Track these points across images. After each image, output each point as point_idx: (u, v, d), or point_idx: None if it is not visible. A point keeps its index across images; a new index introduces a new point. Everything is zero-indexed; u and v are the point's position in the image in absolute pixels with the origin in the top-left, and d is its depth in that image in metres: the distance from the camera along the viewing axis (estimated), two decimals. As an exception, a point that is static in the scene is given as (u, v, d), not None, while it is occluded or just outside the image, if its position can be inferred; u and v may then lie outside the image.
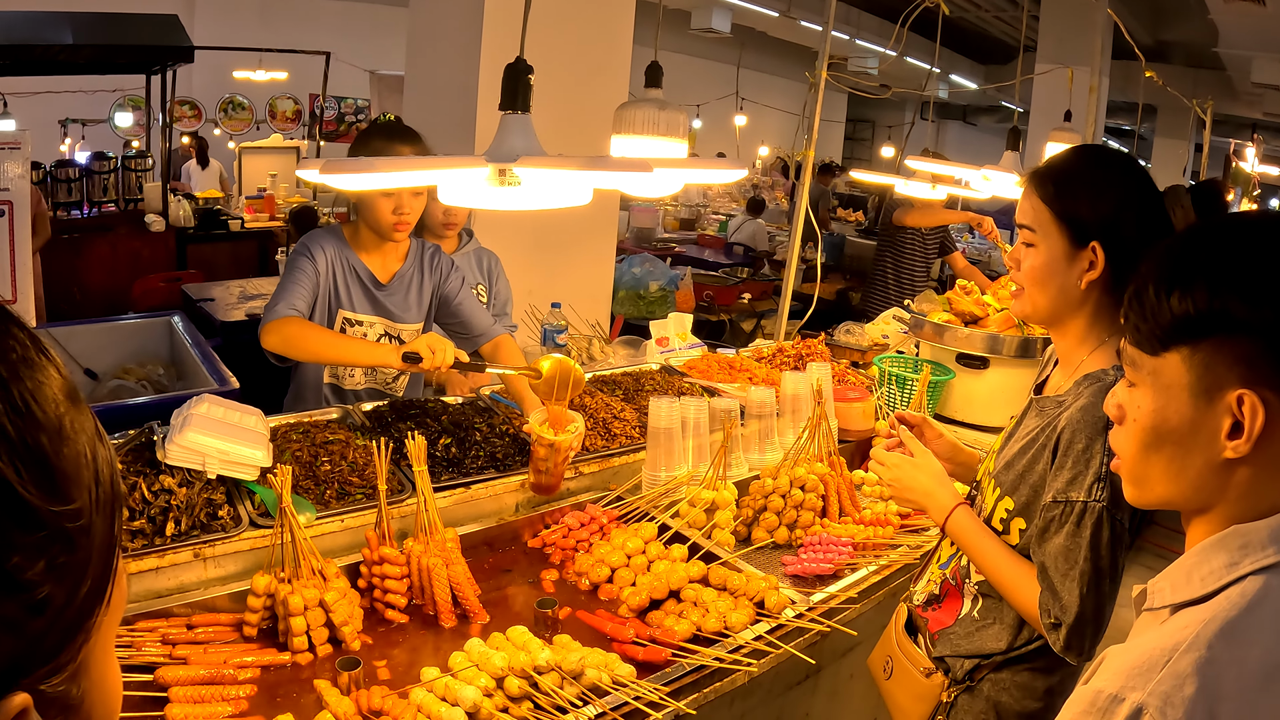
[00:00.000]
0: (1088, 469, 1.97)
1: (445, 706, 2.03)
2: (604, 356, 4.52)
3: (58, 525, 0.55)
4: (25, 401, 0.54)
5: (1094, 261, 2.02)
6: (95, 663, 0.63)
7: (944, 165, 4.82)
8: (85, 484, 0.58)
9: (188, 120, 13.36)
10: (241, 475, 2.60)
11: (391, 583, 2.46)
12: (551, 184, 1.81)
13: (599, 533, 2.87)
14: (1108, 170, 2.05)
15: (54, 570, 0.54)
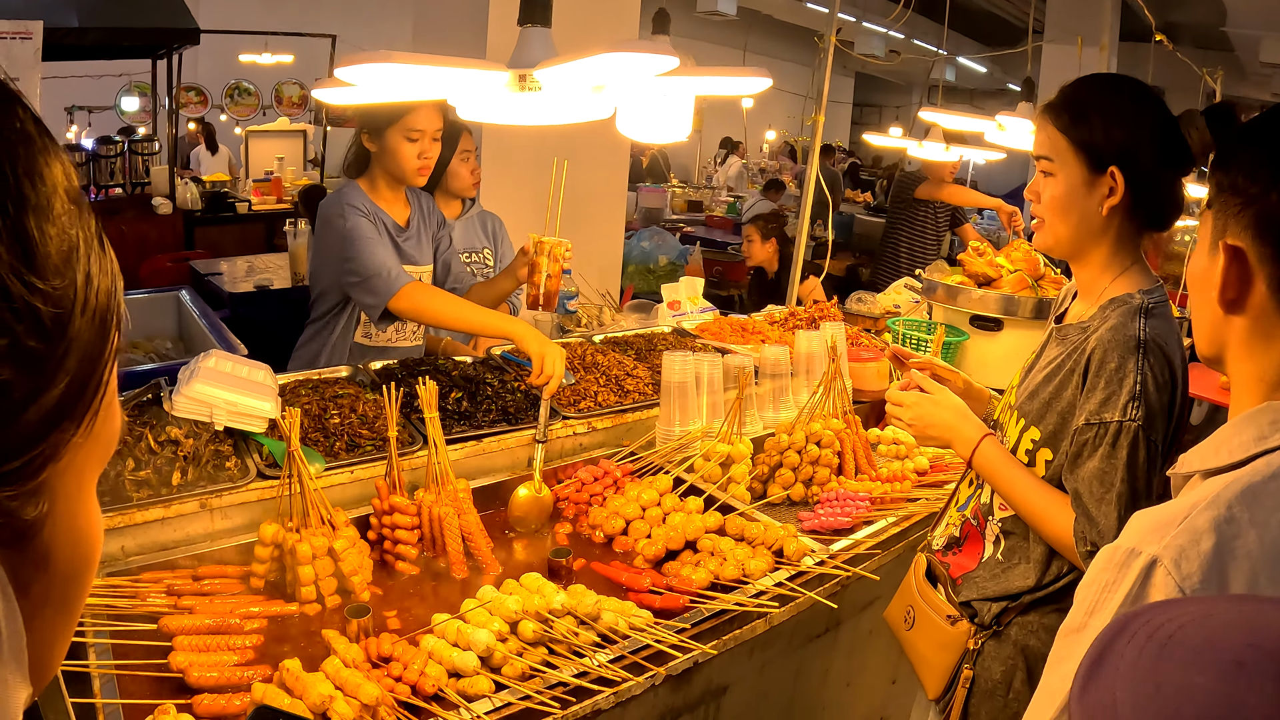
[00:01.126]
0: (1121, 388, 1.93)
1: (457, 651, 1.98)
2: (614, 322, 4.47)
3: (27, 302, 0.48)
4: (14, 176, 0.48)
5: (1114, 187, 2.00)
6: (65, 496, 0.56)
7: (958, 116, 4.75)
8: (71, 277, 0.51)
9: (194, 106, 13.29)
10: (249, 427, 2.56)
11: (402, 533, 2.42)
12: (572, 93, 1.76)
13: (613, 487, 2.82)
14: (1120, 95, 2.04)
15: (17, 354, 0.48)
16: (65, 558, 0.57)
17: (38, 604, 0.56)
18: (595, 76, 1.75)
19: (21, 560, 0.54)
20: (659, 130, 2.50)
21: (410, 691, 1.89)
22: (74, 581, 0.60)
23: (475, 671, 1.94)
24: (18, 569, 0.53)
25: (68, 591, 0.60)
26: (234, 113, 13.91)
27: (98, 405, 0.55)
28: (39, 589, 0.56)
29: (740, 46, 16.30)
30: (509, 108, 1.80)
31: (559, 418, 3.00)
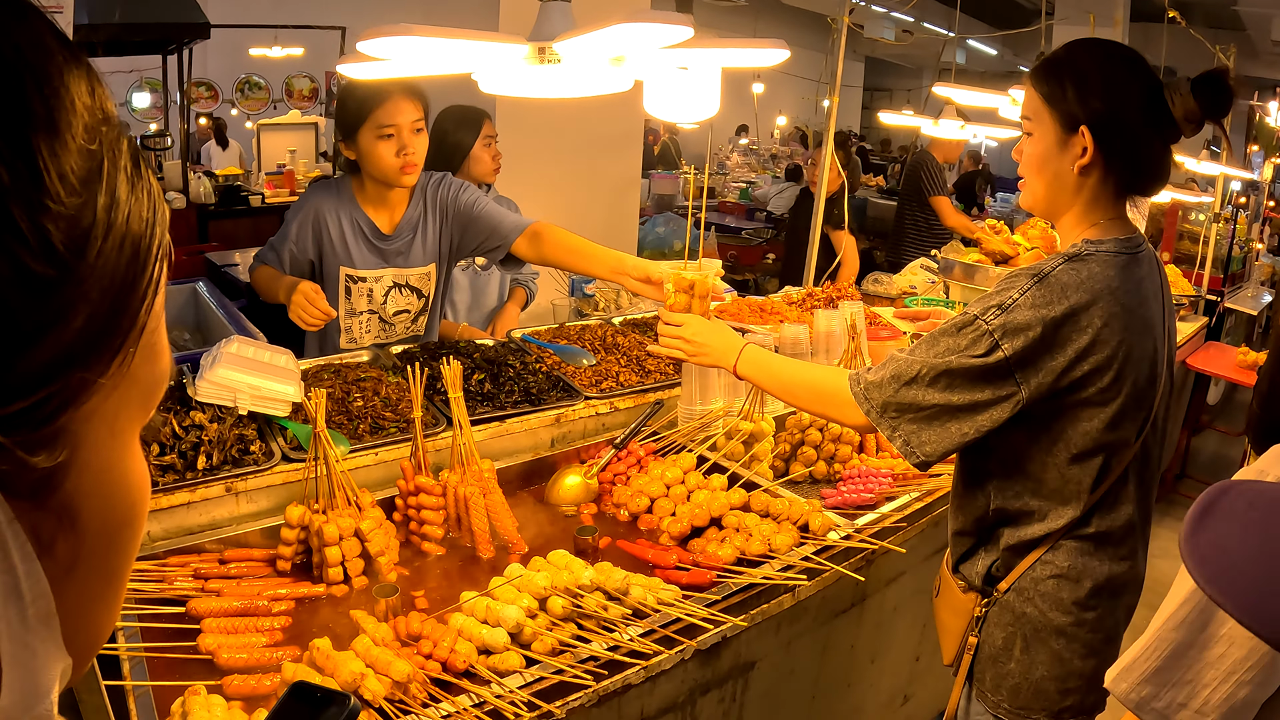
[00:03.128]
0: (994, 298, 1.99)
1: (486, 628, 1.98)
2: (632, 304, 4.46)
3: (33, 222, 0.43)
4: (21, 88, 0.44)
5: (1086, 148, 2.01)
6: (93, 445, 0.51)
7: (969, 91, 4.72)
8: (90, 199, 0.47)
9: (204, 101, 13.30)
10: (273, 411, 2.56)
11: (428, 513, 2.42)
12: (591, 65, 1.76)
13: (636, 466, 2.82)
14: (1098, 59, 2.05)
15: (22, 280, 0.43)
16: (97, 514, 0.53)
17: (66, 564, 0.52)
18: (613, 47, 1.75)
19: (41, 515, 0.49)
20: (688, 109, 2.50)
21: (441, 669, 1.89)
22: (112, 541, 0.55)
23: (505, 648, 1.94)
24: (38, 525, 0.49)
25: (106, 552, 0.55)
26: (245, 107, 13.91)
27: (132, 343, 0.51)
28: (65, 547, 0.51)
29: (749, 32, 16.27)
30: (529, 80, 1.80)
31: (581, 398, 2.99)
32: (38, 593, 0.49)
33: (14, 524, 0.47)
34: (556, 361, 3.19)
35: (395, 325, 3.44)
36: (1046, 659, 2.14)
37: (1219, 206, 7.47)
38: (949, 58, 12.33)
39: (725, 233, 9.46)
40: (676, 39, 1.59)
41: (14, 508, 0.46)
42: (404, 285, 3.35)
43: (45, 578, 0.49)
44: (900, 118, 5.41)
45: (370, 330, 3.40)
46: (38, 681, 0.51)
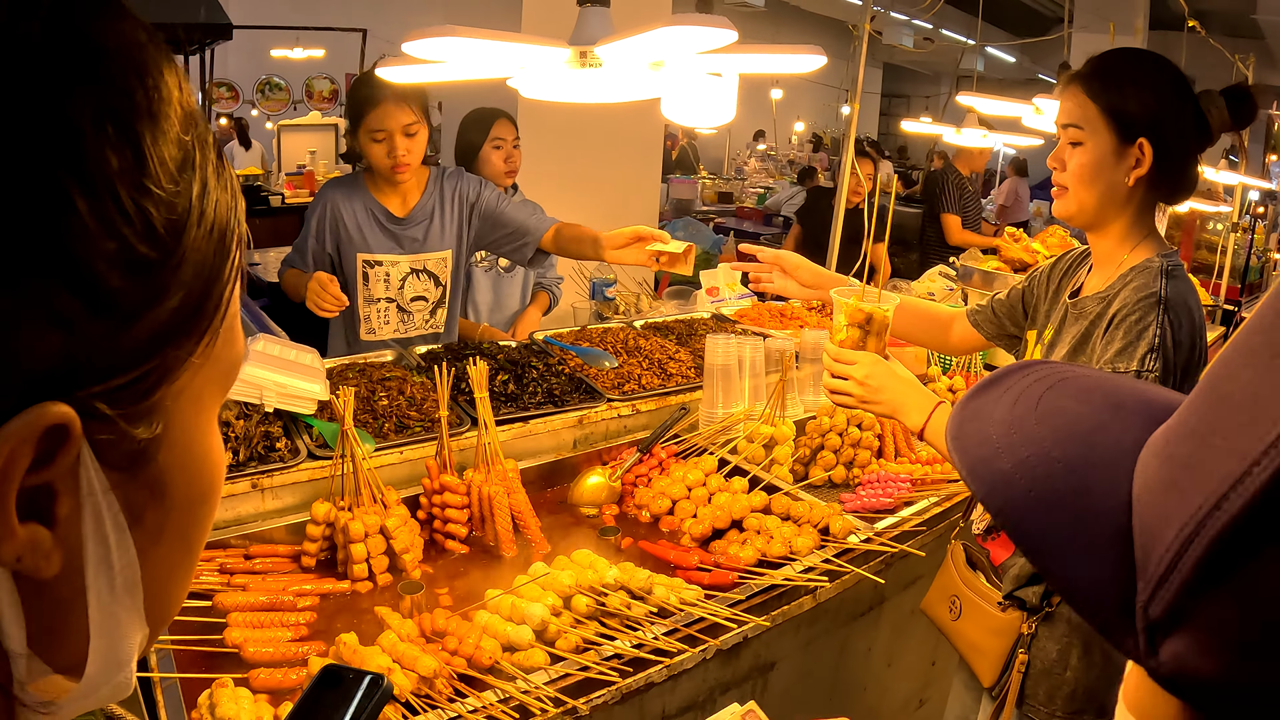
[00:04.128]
0: (1140, 340, 1.95)
1: (511, 625, 2.00)
2: (653, 308, 4.49)
3: (138, 205, 0.45)
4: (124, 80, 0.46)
5: (1140, 158, 2.01)
6: (182, 421, 0.53)
7: (994, 100, 4.73)
8: (185, 187, 0.49)
9: (225, 102, 13.40)
10: (299, 409, 2.59)
11: (452, 512, 2.44)
12: (631, 70, 1.78)
13: (658, 468, 2.84)
14: (1149, 69, 2.06)
15: (125, 260, 0.45)
16: (183, 487, 0.55)
17: (153, 535, 0.54)
18: (654, 52, 1.77)
19: (134, 486, 0.51)
20: (705, 114, 2.52)
21: (466, 664, 1.92)
22: (193, 514, 0.57)
23: (530, 645, 1.96)
24: (131, 496, 0.51)
25: (187, 525, 0.57)
26: (265, 107, 14.00)
27: (217, 325, 0.53)
28: (154, 518, 0.53)
29: (769, 38, 16.26)
30: (569, 85, 1.82)
31: (603, 400, 3.02)
32: (126, 562, 0.51)
33: (109, 494, 0.49)
34: (579, 363, 3.21)
35: (414, 314, 3.49)
36: (1101, 660, 2.14)
37: (1237, 216, 7.46)
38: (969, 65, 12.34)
39: (743, 238, 9.47)
40: (719, 43, 1.61)
41: (110, 479, 0.49)
42: (421, 270, 3.44)
43: (134, 548, 0.52)
44: (922, 126, 5.42)
45: (389, 320, 3.46)
46: (119, 650, 0.54)
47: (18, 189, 0.41)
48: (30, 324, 0.42)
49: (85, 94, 0.44)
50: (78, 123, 0.43)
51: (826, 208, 6.15)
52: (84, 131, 0.44)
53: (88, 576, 0.50)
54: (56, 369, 0.44)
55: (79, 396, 0.45)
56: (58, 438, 0.44)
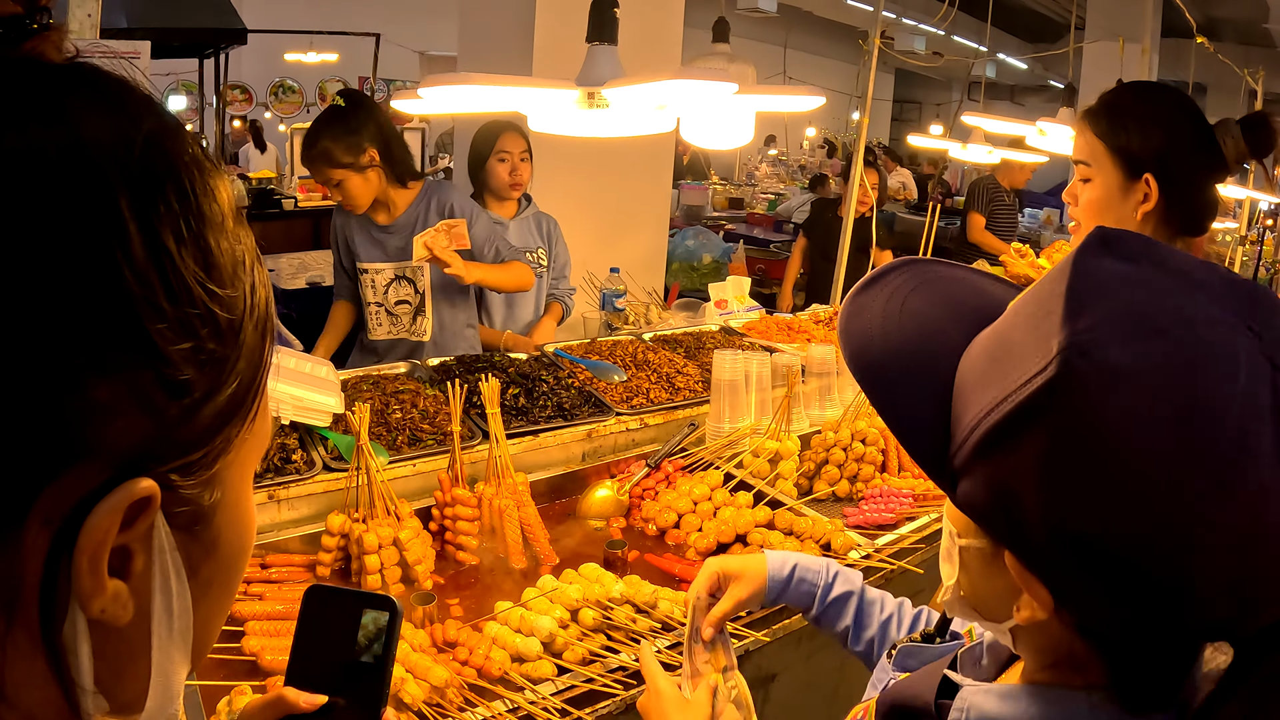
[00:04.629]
0: None
1: (520, 637, 2.06)
2: (661, 320, 4.54)
3: (208, 308, 0.53)
4: (195, 196, 0.53)
5: (1148, 194, 2.03)
6: (232, 487, 0.61)
7: (999, 120, 4.78)
8: (241, 287, 0.56)
9: (239, 104, 13.49)
10: (314, 421, 2.65)
11: (463, 524, 2.50)
12: (638, 109, 1.84)
13: (665, 481, 2.90)
14: (1157, 104, 2.08)
15: (199, 355, 0.53)
16: (230, 544, 0.63)
17: (205, 586, 0.61)
18: (660, 98, 1.83)
19: (195, 545, 0.59)
20: (724, 137, 2.58)
21: (476, 675, 1.98)
22: (234, 565, 0.65)
23: (538, 656, 2.03)
24: (191, 553, 0.58)
25: (230, 575, 0.65)
26: (279, 110, 14.08)
27: (260, 404, 0.61)
28: (207, 572, 0.61)
29: (780, 43, 16.30)
30: (578, 122, 1.89)
31: (612, 414, 3.08)
32: (183, 609, 0.59)
33: (175, 552, 0.57)
34: (588, 377, 3.27)
35: (400, 318, 3.71)
36: None
37: (1245, 229, 7.49)
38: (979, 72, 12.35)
39: (753, 245, 9.50)
40: (722, 95, 1.67)
41: (176, 539, 0.56)
42: (403, 276, 3.66)
43: (190, 597, 0.59)
44: (928, 140, 5.47)
45: (381, 323, 3.73)
46: (172, 686, 0.61)
47: (116, 292, 0.49)
48: (127, 409, 0.50)
49: (168, 210, 0.52)
50: (163, 238, 0.51)
51: (832, 219, 6.20)
52: (168, 247, 0.51)
53: (154, 624, 0.57)
54: (144, 447, 0.51)
55: (159, 471, 0.52)
56: (140, 507, 0.52)
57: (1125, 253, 0.79)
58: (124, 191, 0.49)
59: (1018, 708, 0.89)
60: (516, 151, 4.00)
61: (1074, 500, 0.74)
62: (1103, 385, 0.72)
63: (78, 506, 0.49)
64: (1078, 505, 0.74)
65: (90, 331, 0.48)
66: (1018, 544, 0.81)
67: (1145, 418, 0.71)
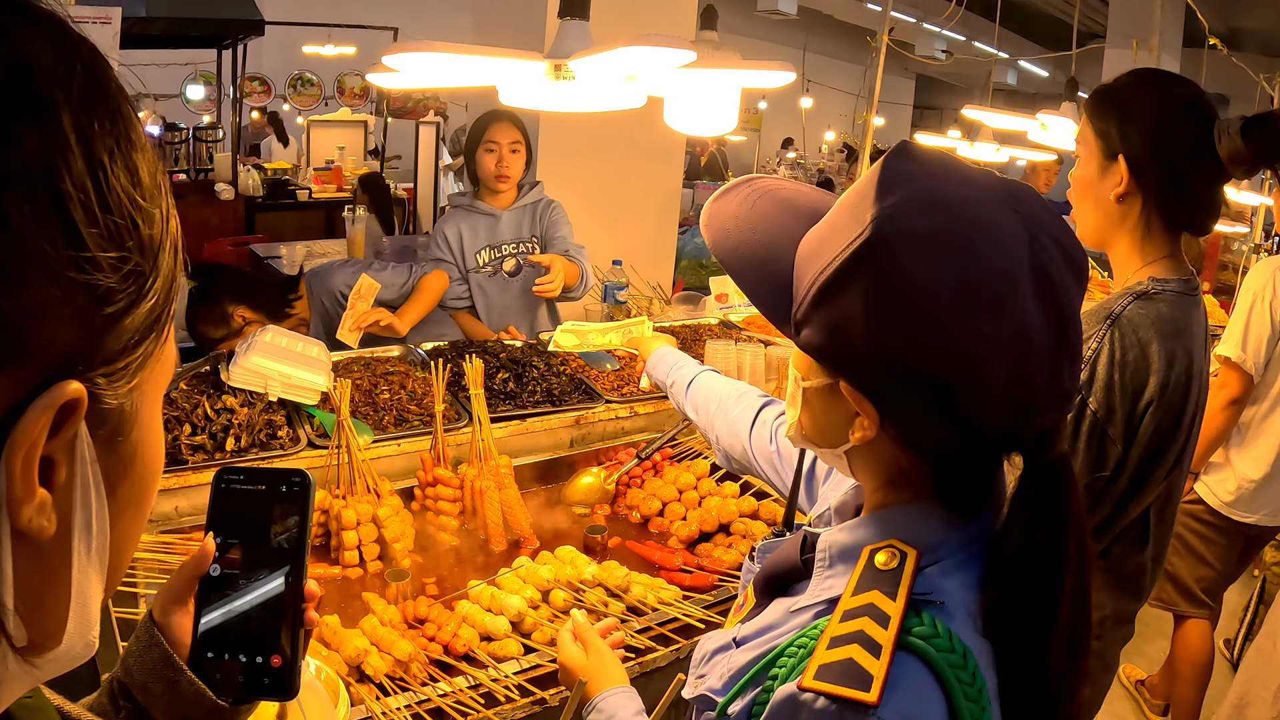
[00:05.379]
0: None
1: (490, 616, 2.06)
2: (663, 313, 4.53)
3: (134, 220, 0.55)
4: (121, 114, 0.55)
5: (1122, 177, 2.00)
6: (145, 407, 0.62)
7: (1000, 114, 4.74)
8: (160, 206, 0.58)
9: (257, 95, 13.51)
10: (302, 399, 2.65)
11: (444, 504, 2.50)
12: (605, 82, 1.84)
13: (651, 470, 2.89)
14: (1148, 91, 2.03)
15: (125, 265, 0.54)
16: (145, 464, 0.63)
17: (121, 506, 0.62)
18: (624, 67, 1.82)
19: (113, 460, 0.59)
20: (705, 123, 2.56)
21: (443, 651, 1.98)
22: (148, 487, 0.65)
23: (506, 635, 2.03)
24: (110, 468, 0.59)
25: (143, 498, 0.65)
26: (296, 103, 14.11)
27: (169, 329, 0.62)
28: (124, 491, 0.62)
29: (800, 46, 16.30)
30: (546, 95, 1.88)
31: (602, 401, 3.07)
32: (101, 527, 0.59)
33: (95, 464, 0.57)
34: (580, 365, 3.26)
35: None
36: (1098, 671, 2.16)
37: (1259, 237, 7.43)
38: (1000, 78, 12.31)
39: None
40: (681, 61, 1.67)
41: (96, 451, 0.57)
42: None
43: (108, 516, 0.60)
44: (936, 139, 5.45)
45: None
46: (89, 611, 0.61)
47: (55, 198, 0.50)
48: (58, 315, 0.51)
49: (101, 128, 0.53)
50: (98, 153, 0.53)
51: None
52: (103, 161, 0.53)
53: (74, 540, 0.57)
54: (72, 353, 0.52)
55: (85, 376, 0.53)
56: (67, 411, 0.52)
57: (919, 158, 1.03)
58: (65, 107, 0.51)
59: (864, 531, 1.10)
60: (505, 142, 3.88)
61: (889, 331, 0.96)
62: (904, 243, 0.95)
63: (10, 411, 0.50)
64: (892, 335, 0.96)
65: (29, 235, 0.49)
66: (850, 372, 1.02)
67: (935, 266, 0.94)
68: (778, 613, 1.18)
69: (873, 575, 1.04)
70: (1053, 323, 0.96)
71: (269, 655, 0.97)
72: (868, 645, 0.97)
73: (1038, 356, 0.95)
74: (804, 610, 1.12)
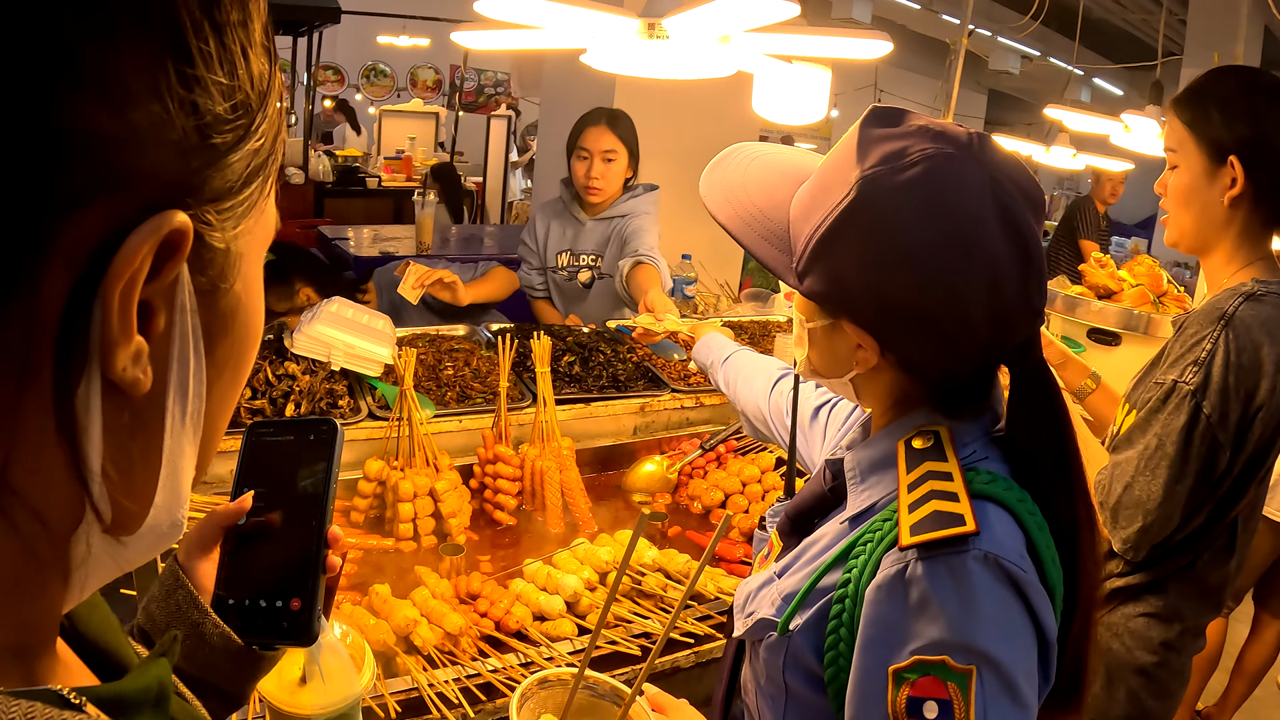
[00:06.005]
0: (1189, 352, 1.90)
1: (544, 595, 2.01)
2: (731, 309, 4.48)
3: (246, 52, 0.50)
4: None
5: (1235, 178, 1.94)
6: (247, 261, 0.56)
7: (1082, 114, 4.63)
8: (269, 60, 0.54)
9: (331, 85, 13.62)
10: (365, 370, 2.62)
11: (503, 483, 2.46)
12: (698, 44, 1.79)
13: (715, 461, 2.83)
14: (1244, 88, 1.98)
15: (235, 95, 0.50)
16: (243, 325, 0.58)
17: (219, 369, 0.57)
18: (720, 24, 1.76)
19: (213, 316, 0.54)
20: (795, 111, 2.51)
21: (494, 627, 1.94)
22: (245, 355, 0.60)
23: (560, 615, 1.98)
24: (209, 324, 0.54)
25: (240, 364, 0.60)
26: (370, 93, 14.22)
27: (273, 184, 0.57)
28: (222, 352, 0.56)
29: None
30: (639, 59, 1.84)
31: (667, 389, 3.02)
32: (198, 392, 0.54)
33: (196, 316, 0.52)
34: (647, 353, 3.21)
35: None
36: (1124, 697, 2.09)
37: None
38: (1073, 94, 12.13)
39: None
40: (783, 15, 1.61)
41: (197, 302, 0.52)
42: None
43: (206, 377, 0.55)
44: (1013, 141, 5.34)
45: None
46: (180, 484, 0.56)
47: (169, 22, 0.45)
48: (161, 140, 0.46)
49: None
50: None
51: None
52: None
53: (169, 399, 0.52)
54: (176, 184, 0.47)
55: (192, 212, 0.48)
56: (171, 248, 0.47)
57: (890, 118, 1.15)
58: None
59: (882, 445, 1.22)
60: (598, 151, 3.65)
61: (879, 273, 1.10)
62: (884, 200, 1.09)
63: (106, 243, 0.45)
64: (882, 276, 1.10)
65: (135, 41, 0.44)
66: (850, 313, 1.16)
67: (913, 217, 1.08)
68: (815, 535, 1.29)
69: (916, 454, 1.16)
70: (1018, 252, 1.09)
71: (289, 599, 0.94)
72: (944, 496, 1.08)
73: (1008, 283, 1.09)
74: (848, 522, 1.23)
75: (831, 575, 1.17)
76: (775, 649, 1.22)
